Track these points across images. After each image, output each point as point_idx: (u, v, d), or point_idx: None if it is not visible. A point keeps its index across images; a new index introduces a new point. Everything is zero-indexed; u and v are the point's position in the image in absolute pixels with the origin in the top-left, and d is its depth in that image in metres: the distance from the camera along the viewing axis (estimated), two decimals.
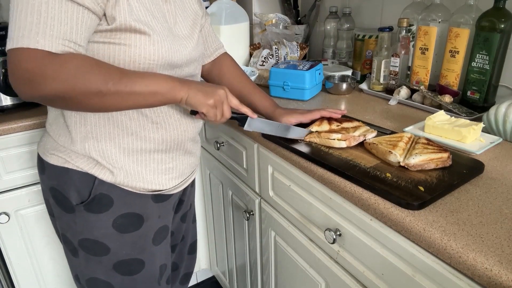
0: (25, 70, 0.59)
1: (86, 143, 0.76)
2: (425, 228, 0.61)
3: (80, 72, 0.61)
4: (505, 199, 0.67)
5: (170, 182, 0.87)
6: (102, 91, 0.63)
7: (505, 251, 0.55)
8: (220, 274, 1.61)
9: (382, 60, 1.23)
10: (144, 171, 0.81)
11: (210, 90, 0.74)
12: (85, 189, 0.78)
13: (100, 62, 0.65)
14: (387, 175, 0.73)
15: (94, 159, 0.77)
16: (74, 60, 0.62)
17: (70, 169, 0.77)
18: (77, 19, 0.62)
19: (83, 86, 0.62)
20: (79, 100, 0.63)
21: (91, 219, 0.79)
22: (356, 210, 0.75)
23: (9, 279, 1.33)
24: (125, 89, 0.65)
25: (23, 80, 0.60)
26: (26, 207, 1.24)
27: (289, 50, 1.51)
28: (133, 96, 0.67)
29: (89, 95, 0.63)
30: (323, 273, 0.90)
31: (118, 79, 0.64)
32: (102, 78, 0.63)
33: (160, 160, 0.83)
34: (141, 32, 0.70)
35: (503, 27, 0.96)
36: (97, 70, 0.63)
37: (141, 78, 0.67)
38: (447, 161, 0.75)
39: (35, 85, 0.59)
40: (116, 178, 0.78)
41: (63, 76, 0.60)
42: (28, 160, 1.20)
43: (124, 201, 0.80)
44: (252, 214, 1.17)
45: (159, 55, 0.73)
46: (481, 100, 1.04)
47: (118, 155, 0.78)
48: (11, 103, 1.18)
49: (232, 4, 1.54)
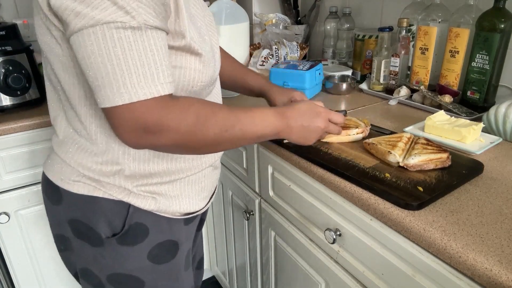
0: (145, 123, 0.54)
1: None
2: (425, 228, 0.61)
3: (200, 121, 0.58)
4: (505, 199, 0.67)
5: (202, 202, 0.80)
6: (218, 140, 0.61)
7: (505, 251, 0.55)
8: (220, 274, 1.61)
9: (382, 60, 1.23)
10: (181, 194, 0.75)
11: (310, 131, 0.72)
12: (117, 220, 0.69)
13: (214, 106, 0.61)
14: (386, 175, 0.73)
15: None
16: (192, 107, 0.58)
17: (101, 197, 0.67)
18: (165, 46, 0.56)
19: (202, 136, 0.59)
20: (192, 148, 0.60)
21: (124, 252, 0.70)
22: (356, 210, 0.75)
23: (9, 279, 1.33)
24: (237, 137, 0.63)
25: (139, 132, 0.55)
26: (26, 207, 1.24)
27: (289, 50, 1.51)
28: (242, 142, 0.65)
29: (205, 144, 0.60)
30: (323, 273, 0.90)
31: (232, 126, 0.61)
32: (219, 126, 0.60)
33: (195, 180, 0.77)
34: (195, 53, 0.63)
35: (503, 27, 0.96)
36: (215, 118, 0.60)
37: (251, 122, 0.64)
38: (447, 162, 0.75)
39: (154, 136, 0.55)
40: (159, 205, 0.71)
41: (184, 127, 0.56)
42: (28, 160, 1.20)
43: (159, 229, 0.72)
44: (252, 214, 1.17)
45: (208, 75, 0.67)
46: (481, 100, 1.04)
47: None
48: (11, 103, 1.18)
49: (232, 4, 1.54)
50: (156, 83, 0.53)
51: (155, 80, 0.53)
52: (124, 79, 0.52)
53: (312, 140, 0.74)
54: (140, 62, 0.52)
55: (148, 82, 0.53)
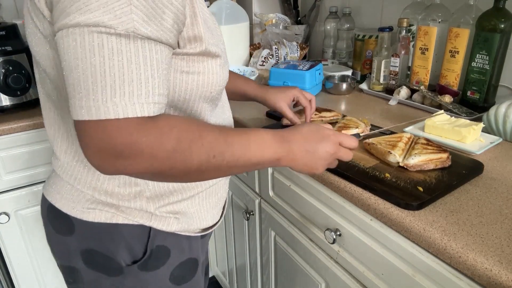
0: (114, 145, 0.46)
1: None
2: (425, 228, 0.61)
3: (181, 147, 0.49)
4: (505, 199, 0.67)
5: (218, 214, 0.76)
6: (203, 168, 0.52)
7: (505, 251, 0.55)
8: (220, 274, 1.61)
9: (382, 60, 1.23)
10: (200, 208, 0.69)
11: (317, 157, 0.61)
12: (138, 245, 0.63)
13: (203, 128, 0.53)
14: (386, 176, 0.73)
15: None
16: (174, 129, 0.49)
17: (120, 223, 0.61)
18: (162, 63, 0.49)
19: (183, 164, 0.50)
20: (171, 177, 0.52)
21: (145, 278, 0.65)
22: (356, 210, 0.75)
23: (9, 279, 1.33)
24: (227, 164, 0.54)
25: (108, 156, 0.46)
26: (26, 207, 1.25)
27: (289, 50, 1.51)
28: (234, 170, 0.56)
29: (188, 172, 0.51)
30: (323, 273, 0.90)
31: (222, 152, 0.53)
32: (205, 152, 0.51)
33: (212, 192, 0.71)
34: (213, 55, 0.57)
35: (503, 27, 0.96)
36: (200, 142, 0.51)
37: (245, 147, 0.55)
38: (447, 162, 0.75)
39: (125, 161, 0.47)
40: (181, 225, 0.66)
41: (162, 153, 0.48)
42: (28, 160, 1.20)
43: (180, 249, 0.68)
44: (252, 214, 1.17)
45: (225, 78, 0.62)
46: (481, 100, 1.04)
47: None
48: (11, 103, 1.18)
49: (232, 4, 1.54)
50: (134, 101, 0.46)
51: (133, 98, 0.46)
52: (95, 92, 0.44)
53: (319, 168, 0.62)
54: (119, 74, 0.45)
55: (124, 99, 0.45)
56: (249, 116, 1.12)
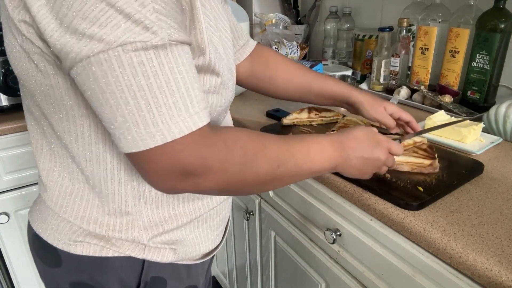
0: (184, 165, 0.43)
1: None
2: (425, 228, 0.61)
3: (248, 158, 0.47)
4: (505, 199, 0.67)
5: (220, 236, 0.71)
6: (268, 178, 0.51)
7: (505, 251, 0.55)
8: (220, 274, 1.61)
9: (382, 60, 1.23)
10: (200, 234, 0.65)
11: (369, 164, 0.61)
12: (131, 277, 0.59)
13: (263, 137, 0.51)
14: (387, 175, 0.73)
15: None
16: (238, 141, 0.47)
17: (110, 257, 0.57)
18: (192, 65, 0.45)
19: (251, 176, 0.48)
20: (239, 190, 0.51)
21: None
22: (356, 210, 0.75)
23: (9, 279, 1.33)
24: (290, 174, 0.52)
25: (178, 176, 0.44)
26: (26, 207, 1.24)
27: (289, 50, 1.51)
28: (294, 179, 0.55)
29: (254, 184, 0.50)
30: (323, 273, 0.90)
31: (285, 161, 0.51)
32: (270, 162, 0.50)
33: (213, 215, 0.66)
34: (215, 73, 0.53)
35: (503, 27, 0.96)
36: (264, 152, 0.49)
37: (306, 155, 0.54)
38: (427, 169, 0.73)
39: (196, 179, 0.45)
40: (177, 255, 0.61)
41: (231, 167, 0.46)
42: (28, 160, 1.20)
43: (177, 278, 0.64)
44: (252, 214, 1.17)
45: (228, 100, 0.59)
46: (481, 100, 1.04)
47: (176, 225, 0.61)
48: (10, 103, 1.18)
49: (232, 4, 1.54)
50: (191, 112, 0.43)
51: (189, 109, 0.42)
52: (152, 115, 0.41)
53: (369, 173, 0.63)
54: (170, 90, 0.41)
55: (182, 114, 0.42)
56: (249, 116, 1.12)
